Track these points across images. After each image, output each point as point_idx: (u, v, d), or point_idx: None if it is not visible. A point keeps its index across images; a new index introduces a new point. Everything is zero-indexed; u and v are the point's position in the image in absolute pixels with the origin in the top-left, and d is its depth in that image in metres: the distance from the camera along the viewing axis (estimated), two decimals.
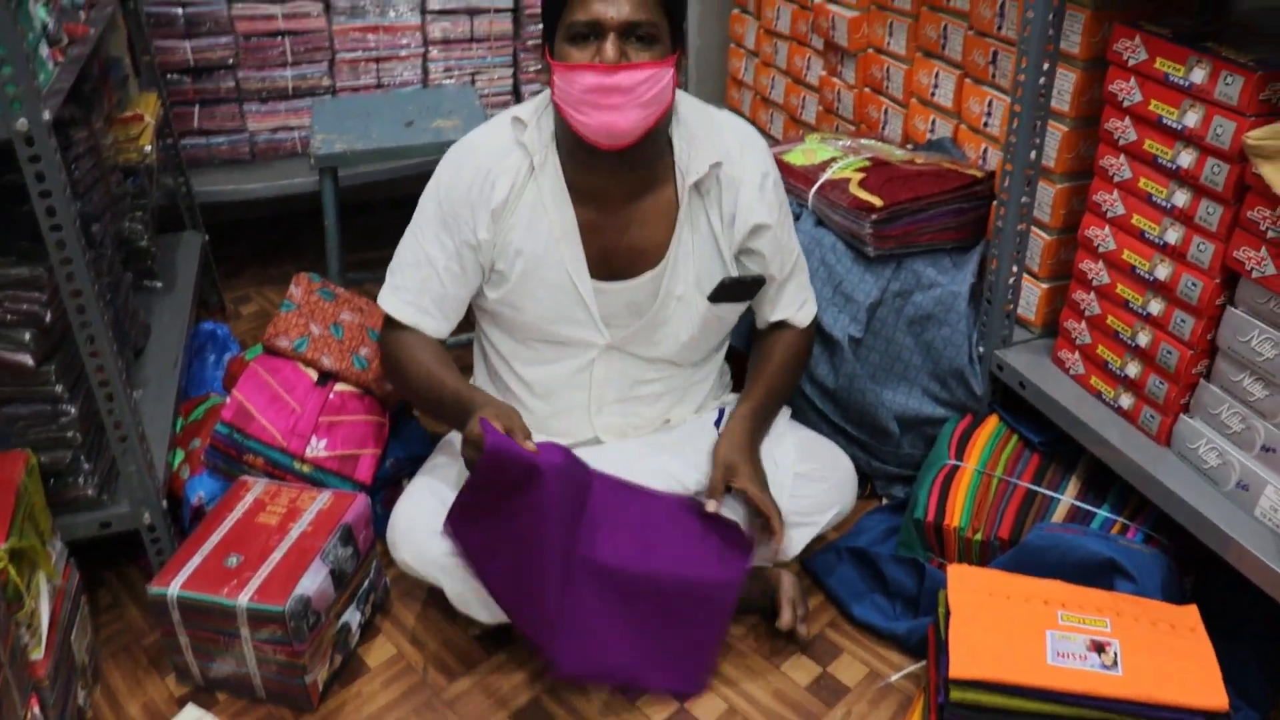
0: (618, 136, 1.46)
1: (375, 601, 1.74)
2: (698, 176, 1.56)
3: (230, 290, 2.85)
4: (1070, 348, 1.73)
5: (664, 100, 1.47)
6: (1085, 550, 1.51)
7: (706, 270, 1.62)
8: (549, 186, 1.55)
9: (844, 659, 1.66)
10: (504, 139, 1.57)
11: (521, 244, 1.56)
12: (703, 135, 1.58)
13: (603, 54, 1.42)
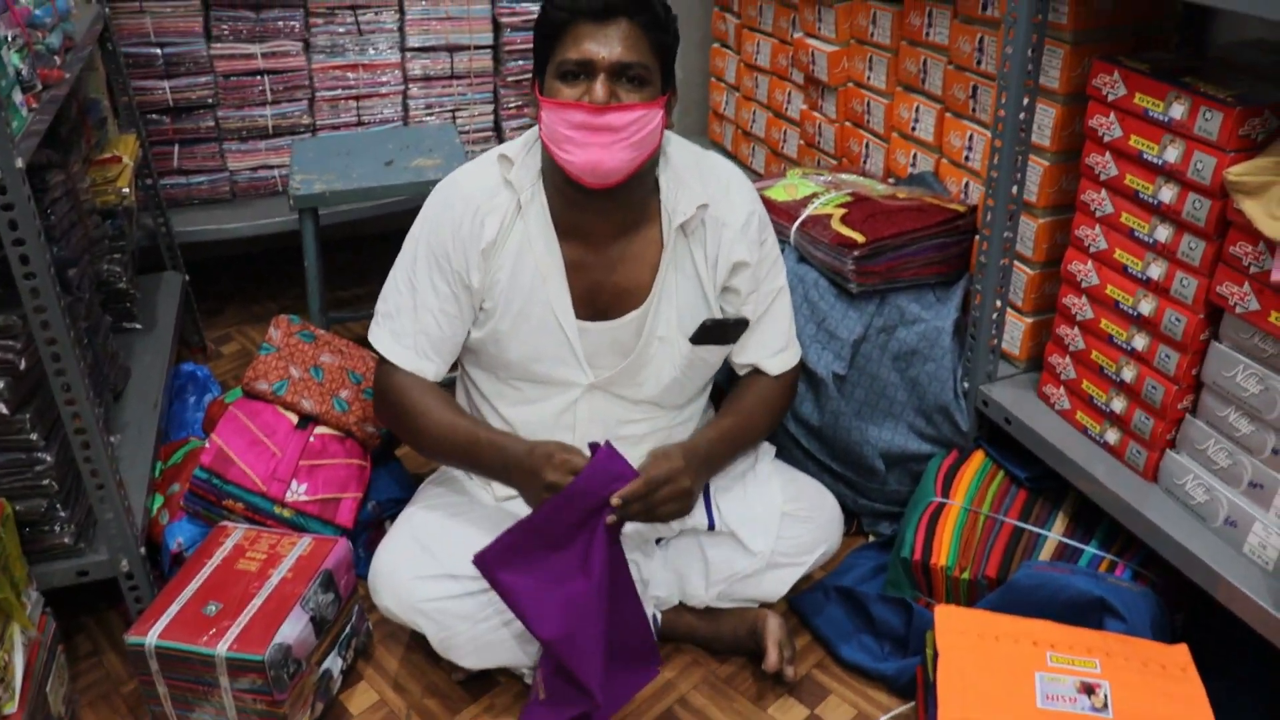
0: (604, 175, 1.45)
1: (357, 647, 1.71)
2: (684, 218, 1.55)
3: (212, 329, 2.83)
4: (1055, 383, 1.72)
5: (653, 141, 1.47)
6: (1073, 589, 1.50)
7: (690, 312, 1.60)
8: (535, 224, 1.54)
9: (831, 700, 1.64)
10: (491, 178, 1.56)
11: (508, 282, 1.55)
12: (690, 177, 1.58)
13: (592, 93, 1.41)
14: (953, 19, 1.92)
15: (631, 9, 1.42)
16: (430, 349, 1.59)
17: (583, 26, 1.42)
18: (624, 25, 1.42)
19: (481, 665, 1.59)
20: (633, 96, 1.43)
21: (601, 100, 1.41)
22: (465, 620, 1.54)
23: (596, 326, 1.58)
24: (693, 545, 1.65)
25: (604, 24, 1.42)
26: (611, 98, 1.42)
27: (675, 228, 1.56)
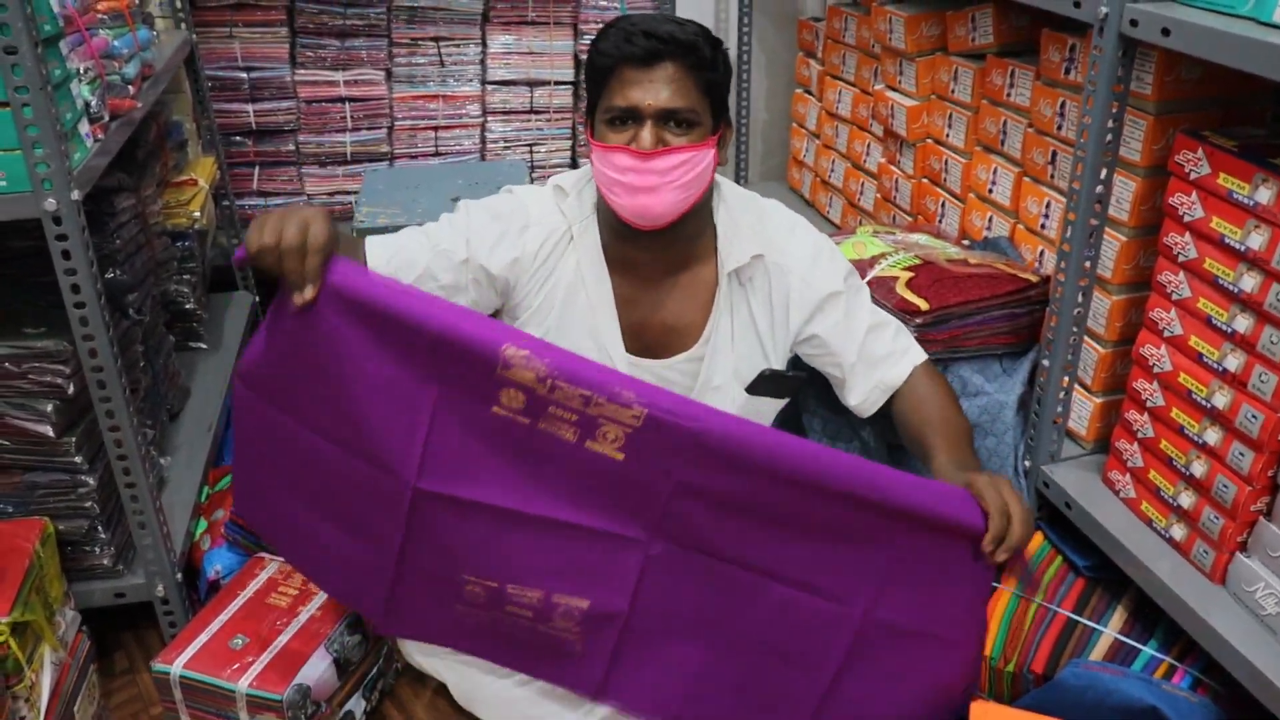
0: (653, 219, 1.44)
1: (384, 688, 1.70)
2: (737, 265, 1.52)
3: None
4: (1121, 469, 1.63)
5: (703, 182, 1.46)
6: (1124, 694, 1.41)
7: (747, 361, 1.57)
8: (587, 257, 1.54)
9: None
10: (546, 201, 1.56)
11: (559, 312, 1.54)
12: (746, 223, 1.55)
13: (639, 140, 1.41)
14: (1035, 80, 1.86)
15: (677, 51, 1.41)
16: (401, 266, 1.49)
17: (628, 72, 1.41)
18: (670, 69, 1.41)
19: None
20: (680, 139, 1.42)
21: (648, 146, 1.40)
22: (489, 675, 1.51)
23: (646, 363, 1.56)
24: None
25: (649, 69, 1.40)
26: (659, 143, 1.41)
27: (729, 273, 1.53)
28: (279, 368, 1.32)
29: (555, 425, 1.24)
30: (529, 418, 1.24)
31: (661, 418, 1.22)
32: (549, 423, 1.24)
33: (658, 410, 1.22)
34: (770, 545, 1.31)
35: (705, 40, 1.44)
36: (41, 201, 1.37)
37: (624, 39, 1.41)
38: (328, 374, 1.27)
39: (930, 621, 1.39)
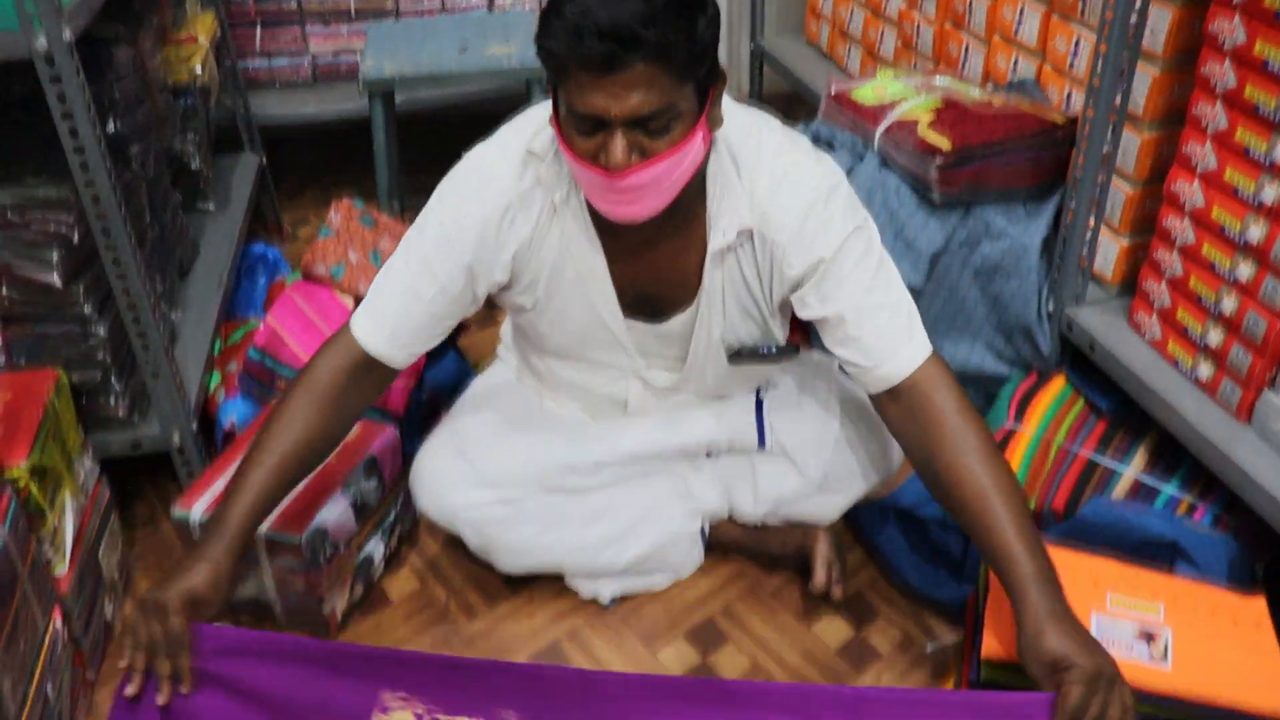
0: (637, 220, 1.29)
1: (401, 534, 1.71)
2: (723, 243, 1.36)
3: (290, 212, 2.83)
4: (1148, 310, 1.60)
5: (690, 171, 1.27)
6: (1146, 529, 1.41)
7: (739, 324, 1.46)
8: (573, 226, 1.37)
9: (879, 624, 1.59)
10: (525, 175, 1.35)
11: (548, 283, 1.41)
12: (739, 187, 1.35)
13: (609, 154, 1.19)
14: None
15: (644, 51, 1.13)
16: (401, 338, 1.39)
17: (585, 77, 1.16)
18: (637, 70, 1.14)
19: (521, 570, 1.58)
20: (659, 143, 1.20)
21: (620, 163, 1.19)
22: (502, 527, 1.52)
23: (643, 326, 1.46)
24: (743, 462, 1.59)
25: (610, 74, 1.14)
26: (633, 152, 1.19)
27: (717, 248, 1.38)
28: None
29: None
30: None
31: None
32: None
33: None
34: None
35: (678, 14, 1.15)
36: (32, 41, 1.32)
37: (574, 38, 1.13)
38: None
39: None
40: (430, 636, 1.58)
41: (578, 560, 1.57)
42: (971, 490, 1.26)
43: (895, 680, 1.49)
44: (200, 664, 1.21)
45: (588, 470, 1.52)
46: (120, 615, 1.23)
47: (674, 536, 1.60)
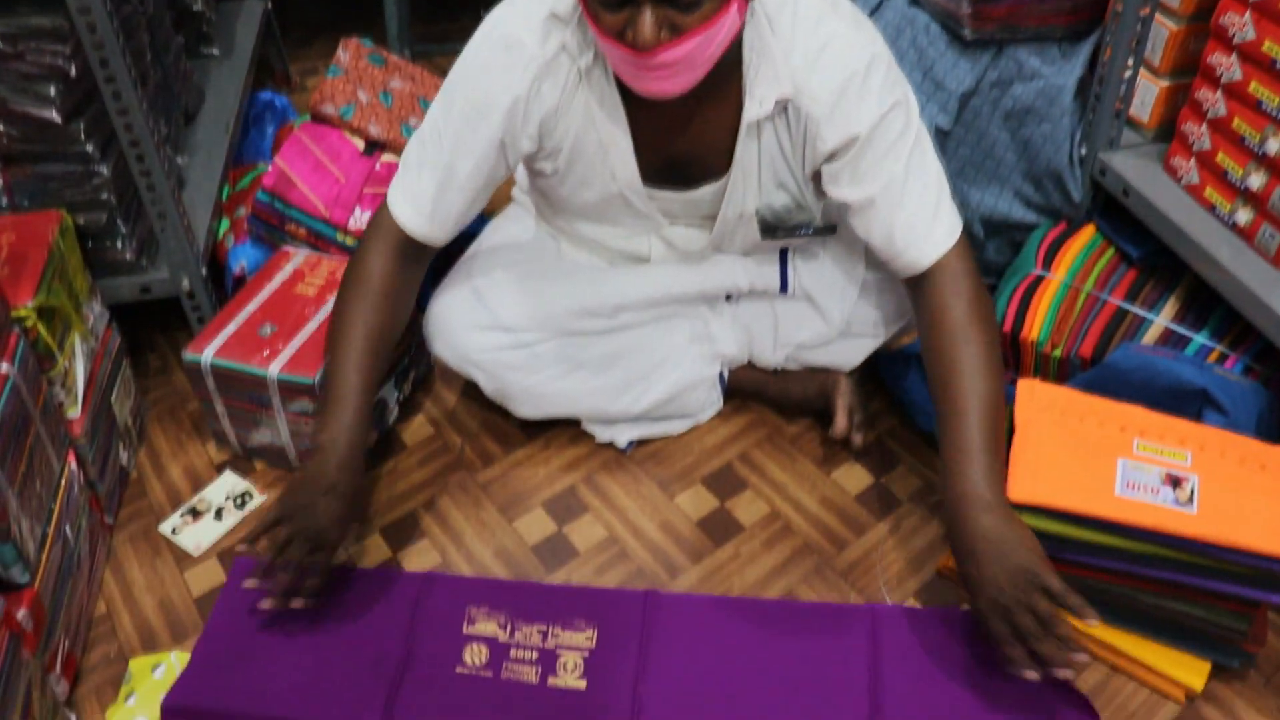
0: (669, 96, 1.23)
1: (416, 379, 1.69)
2: (759, 115, 1.30)
3: (297, 61, 2.75)
4: (1186, 153, 1.54)
5: (723, 45, 1.21)
6: (1175, 376, 1.38)
7: (773, 195, 1.41)
8: (597, 94, 1.32)
9: (899, 471, 1.57)
10: (546, 35, 1.29)
11: (571, 153, 1.36)
12: (776, 51, 1.28)
13: (637, 31, 1.12)
14: None
15: None
16: (442, 215, 1.37)
17: None
18: None
19: (537, 415, 1.56)
20: (690, 18, 1.13)
21: (648, 41, 1.12)
22: (518, 371, 1.49)
23: (669, 195, 1.41)
24: (764, 307, 1.56)
25: None
26: (662, 27, 1.13)
27: (752, 119, 1.32)
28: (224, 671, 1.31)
29: (518, 670, 1.30)
30: (492, 670, 1.30)
31: (613, 633, 1.33)
32: (511, 669, 1.30)
33: (608, 627, 1.34)
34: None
35: None
36: None
37: None
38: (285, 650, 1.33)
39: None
40: (445, 482, 1.58)
41: (594, 405, 1.55)
42: (954, 400, 1.27)
43: (915, 526, 1.49)
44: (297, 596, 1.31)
45: (606, 313, 1.49)
46: (270, 538, 1.29)
47: (692, 381, 1.57)
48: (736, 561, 1.45)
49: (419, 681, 1.29)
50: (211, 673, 1.31)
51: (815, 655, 1.30)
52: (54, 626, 1.29)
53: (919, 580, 1.42)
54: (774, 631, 1.33)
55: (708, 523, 1.51)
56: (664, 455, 1.61)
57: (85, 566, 1.41)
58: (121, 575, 1.47)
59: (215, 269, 1.78)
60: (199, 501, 1.56)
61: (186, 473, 1.61)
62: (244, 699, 1.27)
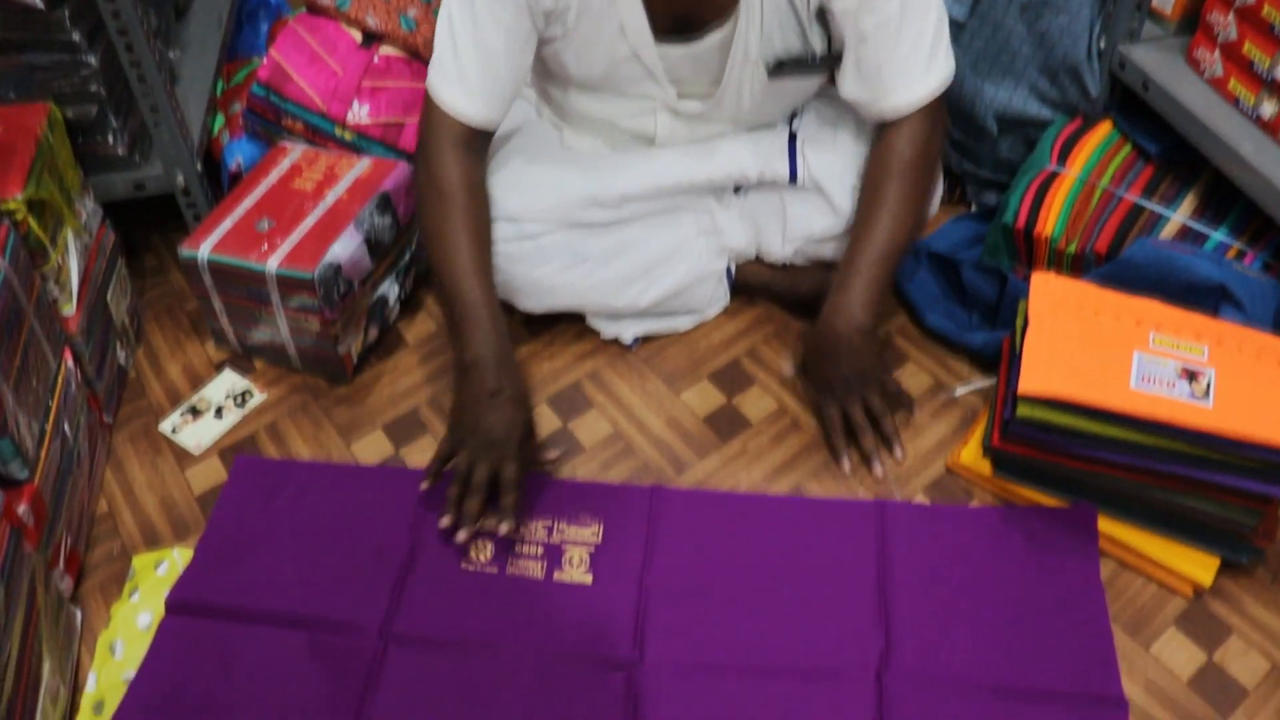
0: None
1: (417, 276, 1.66)
2: None
3: None
4: (1210, 45, 1.49)
5: None
6: (1192, 271, 1.35)
7: (778, 37, 1.36)
8: None
9: (910, 368, 1.55)
10: None
11: (579, 8, 1.31)
12: None
13: None
14: None
15: None
16: (495, 95, 1.35)
17: None
18: None
19: (541, 309, 1.53)
20: None
21: None
22: (523, 264, 1.45)
23: (677, 51, 1.36)
24: (773, 198, 1.52)
25: None
26: None
27: None
28: (228, 567, 1.31)
29: (523, 565, 1.29)
30: (497, 565, 1.29)
31: (619, 528, 1.32)
32: (516, 565, 1.29)
33: (613, 522, 1.33)
34: (758, 633, 1.22)
35: None
36: None
37: None
38: (288, 546, 1.32)
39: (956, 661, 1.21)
40: (447, 378, 1.55)
41: (600, 299, 1.52)
42: (868, 229, 1.38)
43: (924, 423, 1.47)
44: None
45: (612, 203, 1.45)
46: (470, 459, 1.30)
47: (699, 275, 1.54)
48: (743, 457, 1.44)
49: (423, 578, 1.28)
50: (215, 569, 1.30)
51: (822, 550, 1.30)
52: (55, 523, 1.28)
53: (928, 477, 1.40)
54: (781, 526, 1.33)
55: (714, 419, 1.49)
56: (670, 352, 1.59)
57: (85, 464, 1.40)
58: (122, 474, 1.45)
59: (211, 166, 1.74)
60: (199, 400, 1.55)
61: (185, 372, 1.59)
62: (248, 594, 1.27)
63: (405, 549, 1.31)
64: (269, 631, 1.23)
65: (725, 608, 1.24)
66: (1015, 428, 1.26)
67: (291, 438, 1.49)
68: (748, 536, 1.31)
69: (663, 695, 1.16)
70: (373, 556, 1.30)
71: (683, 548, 1.30)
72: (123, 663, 1.23)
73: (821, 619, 1.23)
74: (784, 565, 1.28)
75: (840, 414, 1.40)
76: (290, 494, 1.38)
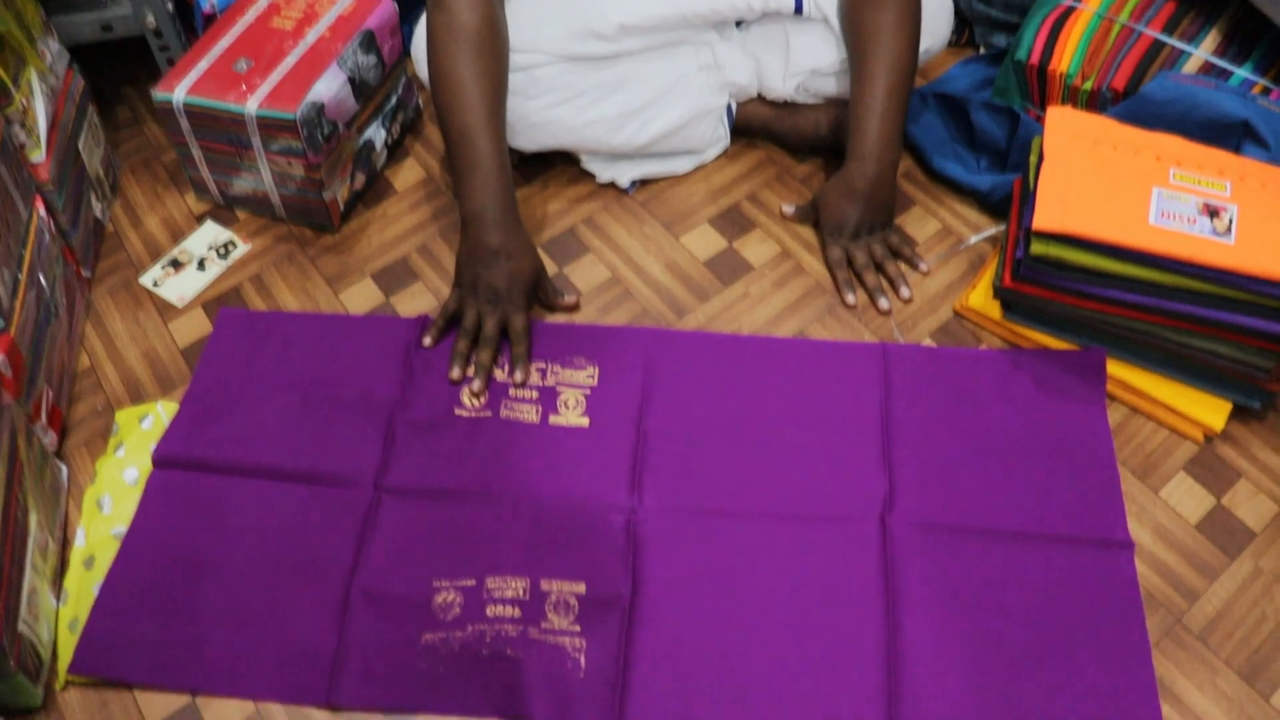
0: None
1: (404, 122, 1.59)
2: None
3: None
4: None
5: None
6: (1215, 107, 1.29)
7: None
8: None
9: (915, 211, 1.50)
10: None
11: None
12: None
13: None
14: None
15: None
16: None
17: None
18: None
19: (534, 148, 1.46)
20: None
21: None
22: (515, 97, 1.38)
23: None
24: (776, 30, 1.44)
25: None
26: None
27: None
28: (214, 421, 1.27)
29: (517, 409, 1.26)
30: (491, 410, 1.25)
31: (616, 370, 1.28)
32: (511, 409, 1.26)
33: (610, 365, 1.29)
34: (759, 476, 1.20)
35: None
36: None
37: None
38: (276, 398, 1.28)
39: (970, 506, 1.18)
40: (438, 225, 1.50)
41: (595, 136, 1.44)
42: (866, 63, 1.35)
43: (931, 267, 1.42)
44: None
45: (610, 35, 1.37)
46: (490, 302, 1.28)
47: (699, 111, 1.47)
48: (746, 301, 1.39)
49: (416, 425, 1.25)
50: (201, 422, 1.27)
51: (825, 393, 1.26)
52: (35, 375, 1.24)
53: (935, 321, 1.36)
54: (783, 368, 1.29)
55: (715, 263, 1.44)
56: (668, 195, 1.53)
57: (64, 318, 1.35)
58: (103, 329, 1.41)
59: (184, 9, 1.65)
60: (180, 253, 1.49)
61: (165, 224, 1.53)
62: (236, 448, 1.24)
63: (397, 398, 1.27)
64: (261, 485, 1.21)
65: (726, 451, 1.21)
66: (1027, 267, 1.22)
67: (278, 288, 1.44)
68: (749, 379, 1.28)
69: (662, 539, 1.14)
70: (364, 406, 1.26)
71: (682, 391, 1.27)
72: (111, 518, 1.20)
73: (824, 462, 1.20)
74: (786, 408, 1.25)
75: (845, 255, 1.40)
76: (277, 345, 1.34)
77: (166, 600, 1.12)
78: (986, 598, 1.10)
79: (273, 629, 1.10)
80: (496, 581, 1.12)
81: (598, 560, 1.13)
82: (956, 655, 1.07)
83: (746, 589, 1.11)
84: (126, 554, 1.16)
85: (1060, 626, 1.09)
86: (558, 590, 1.11)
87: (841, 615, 1.09)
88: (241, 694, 1.08)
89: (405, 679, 1.07)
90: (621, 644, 1.07)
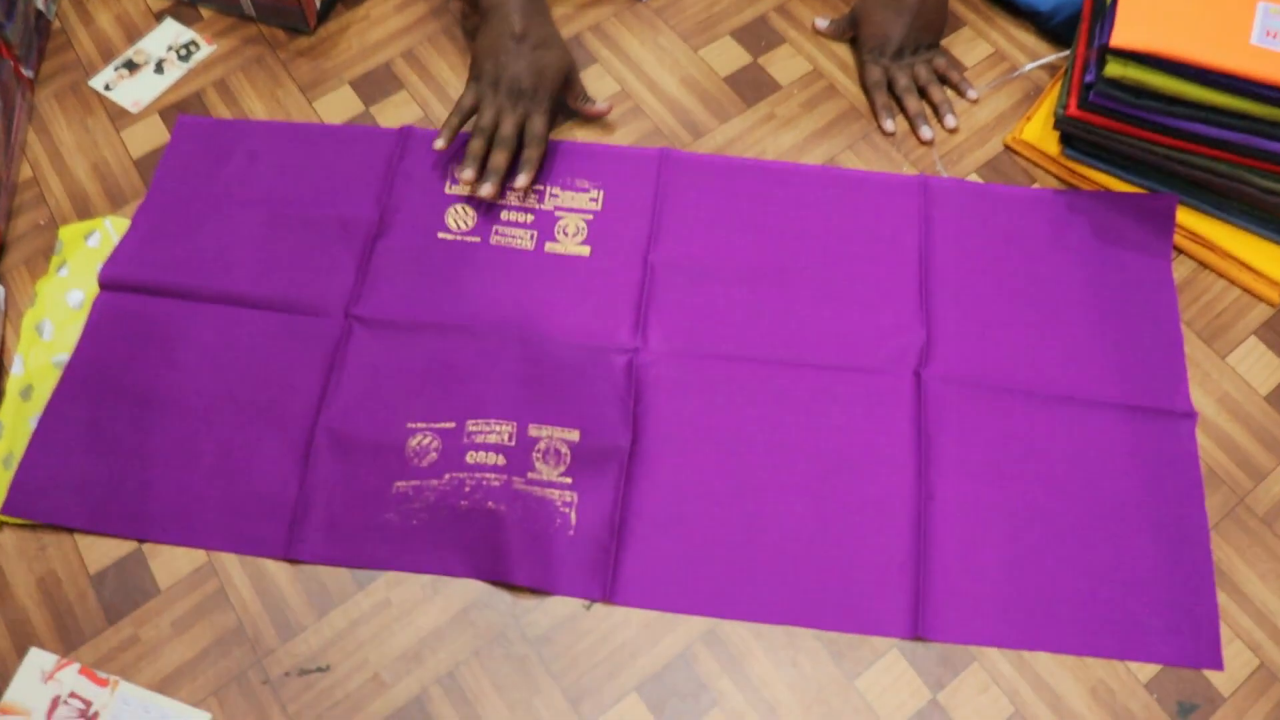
0: None
1: None
2: None
3: None
4: None
5: None
6: None
7: None
8: None
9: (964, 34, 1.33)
10: None
11: None
12: None
13: None
14: None
15: None
16: None
17: None
18: None
19: None
20: None
21: None
22: None
23: None
24: None
25: None
26: None
27: None
28: (170, 240, 1.14)
29: (510, 234, 1.13)
30: (480, 235, 1.13)
31: (622, 195, 1.15)
32: (502, 234, 1.13)
33: (615, 188, 1.15)
34: (779, 319, 1.07)
35: None
36: None
37: None
38: (240, 218, 1.15)
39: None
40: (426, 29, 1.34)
41: None
42: None
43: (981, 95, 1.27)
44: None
45: None
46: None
47: None
48: (771, 123, 1.24)
49: (394, 248, 1.12)
50: (156, 241, 1.13)
51: (856, 229, 1.13)
52: None
53: (983, 155, 1.22)
54: (810, 200, 1.15)
55: (737, 80, 1.28)
56: (686, 3, 1.35)
57: (1, 122, 1.20)
58: (48, 136, 1.26)
59: None
60: (135, 53, 1.33)
61: (120, 21, 1.37)
62: (192, 270, 1.11)
63: (373, 217, 1.14)
64: (218, 311, 1.09)
65: (742, 290, 1.09)
66: (1099, 92, 1.06)
67: (244, 95, 1.29)
68: (771, 210, 1.14)
69: (668, 385, 1.03)
70: (337, 226, 1.13)
71: (696, 219, 1.13)
72: (52, 344, 1.09)
73: (853, 307, 1.08)
74: (812, 244, 1.12)
75: (886, 76, 1.25)
76: (242, 157, 1.20)
77: (111, 437, 1.02)
78: (1029, 466, 0.99)
79: (228, 472, 1.00)
80: (479, 425, 1.01)
81: (594, 405, 1.01)
82: (993, 527, 0.96)
83: (761, 445, 1.00)
84: (68, 385, 1.05)
85: (1110, 502, 0.98)
86: (547, 437, 1.00)
87: (867, 477, 0.98)
88: (192, 543, 0.99)
89: (373, 532, 0.97)
90: (617, 501, 0.97)
